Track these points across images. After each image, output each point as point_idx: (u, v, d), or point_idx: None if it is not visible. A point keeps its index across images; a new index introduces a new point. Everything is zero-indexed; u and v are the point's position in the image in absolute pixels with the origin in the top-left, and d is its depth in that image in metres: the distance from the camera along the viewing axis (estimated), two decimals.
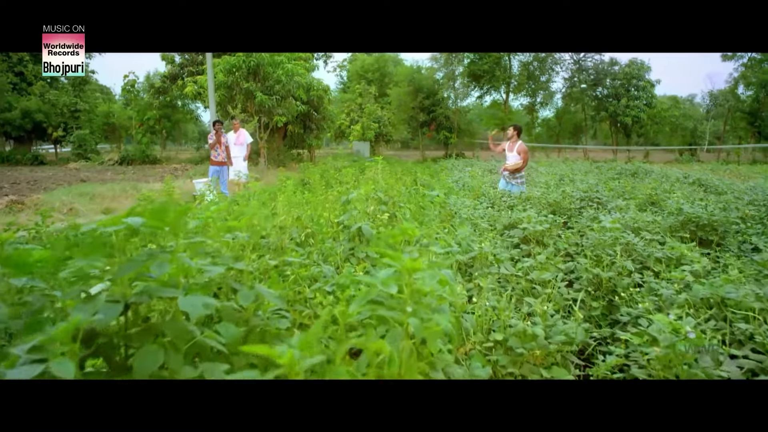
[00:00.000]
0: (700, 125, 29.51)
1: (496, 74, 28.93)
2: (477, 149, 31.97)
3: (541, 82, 30.32)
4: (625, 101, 27.86)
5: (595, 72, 30.05)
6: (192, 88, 17.58)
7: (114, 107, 30.41)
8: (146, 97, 27.10)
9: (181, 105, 29.90)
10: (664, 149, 30.67)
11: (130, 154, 25.04)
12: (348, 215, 4.07)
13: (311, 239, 5.20)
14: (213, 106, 13.35)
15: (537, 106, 31.44)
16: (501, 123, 31.03)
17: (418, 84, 31.13)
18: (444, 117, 30.56)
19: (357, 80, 36.36)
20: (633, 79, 28.34)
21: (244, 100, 15.57)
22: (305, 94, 18.05)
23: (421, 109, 31.33)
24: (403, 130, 34.70)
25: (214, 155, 9.86)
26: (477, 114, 33.77)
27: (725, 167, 20.06)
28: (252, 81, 15.45)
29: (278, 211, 4.99)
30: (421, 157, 32.71)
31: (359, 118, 31.83)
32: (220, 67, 15.02)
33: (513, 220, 4.75)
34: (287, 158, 21.11)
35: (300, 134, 21.63)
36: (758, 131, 27.93)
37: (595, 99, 30.61)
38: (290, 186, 10.47)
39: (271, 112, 16.10)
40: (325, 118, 22.08)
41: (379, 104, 33.22)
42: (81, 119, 28.53)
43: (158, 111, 27.38)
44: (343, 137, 34.69)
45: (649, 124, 28.36)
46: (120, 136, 31.27)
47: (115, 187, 9.15)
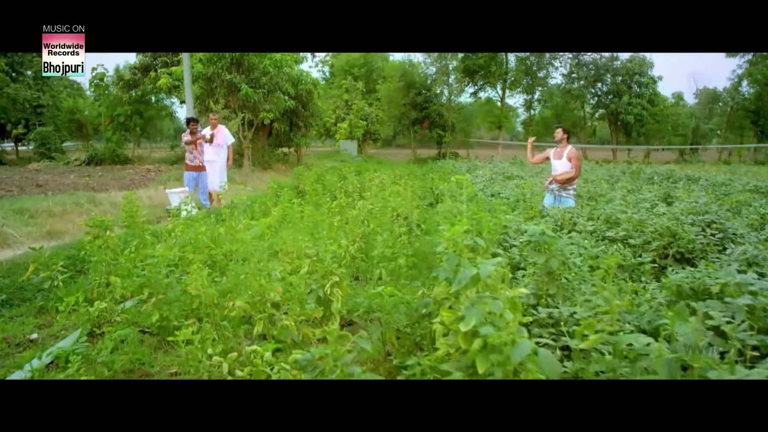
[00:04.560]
0: (704, 123, 28.49)
1: (491, 70, 27.54)
2: (474, 148, 30.50)
3: (539, 78, 28.99)
4: (627, 98, 26.68)
5: (594, 68, 28.84)
6: (166, 81, 15.56)
7: (81, 102, 28.03)
8: (115, 90, 24.79)
9: (154, 100, 27.68)
10: (665, 149, 29.65)
11: (99, 154, 22.85)
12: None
13: (337, 290, 3.55)
14: (190, 100, 11.48)
15: (534, 103, 30.08)
16: (497, 121, 29.71)
17: (410, 79, 29.55)
18: (437, 114, 29.04)
19: (343, 76, 34.70)
20: (635, 75, 27.17)
21: (227, 94, 13.71)
22: (293, 88, 16.24)
23: (413, 105, 29.80)
24: (394, 127, 33.12)
25: (189, 159, 8.07)
26: (472, 111, 32.32)
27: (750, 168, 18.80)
28: (235, 72, 13.59)
29: (281, 242, 3.36)
30: (412, 156, 31.20)
31: (346, 115, 30.20)
32: (199, 57, 13.11)
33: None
34: (272, 159, 19.28)
35: (286, 132, 19.79)
36: (761, 130, 27.07)
37: (595, 96, 29.48)
38: (286, 198, 8.79)
39: (256, 108, 14.26)
40: (313, 115, 20.25)
41: (367, 101, 31.65)
42: (44, 115, 26.49)
43: (129, 106, 25.14)
44: (329, 135, 32.99)
45: (650, 123, 27.22)
46: (88, 134, 28.88)
47: (65, 200, 7.28)
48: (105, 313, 3.47)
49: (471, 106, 32.37)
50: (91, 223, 4.49)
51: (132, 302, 4.16)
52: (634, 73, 27.26)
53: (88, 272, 4.53)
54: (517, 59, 28.09)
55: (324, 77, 43.39)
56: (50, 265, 4.05)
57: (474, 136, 34.17)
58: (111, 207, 7.35)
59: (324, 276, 3.61)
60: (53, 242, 5.54)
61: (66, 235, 5.93)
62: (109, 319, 3.51)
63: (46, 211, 6.71)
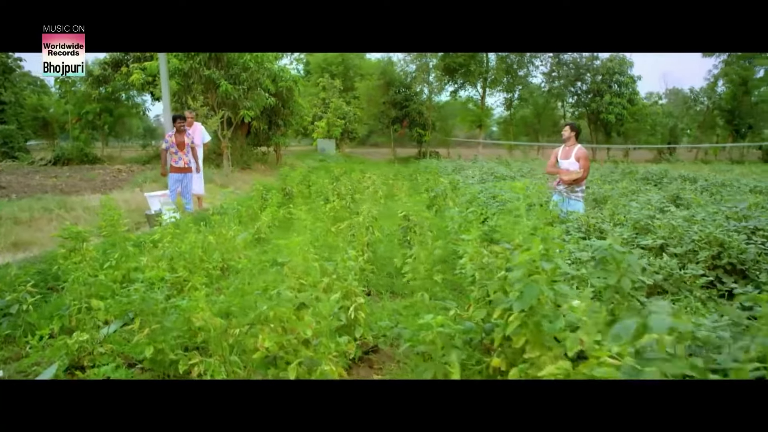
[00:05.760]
0: (681, 122, 28.83)
1: (471, 68, 27.26)
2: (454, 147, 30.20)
3: (519, 77, 28.86)
4: (608, 98, 26.78)
5: (575, 67, 28.88)
6: (139, 76, 14.70)
7: (46, 100, 26.70)
8: (83, 87, 23.57)
9: (125, 97, 26.51)
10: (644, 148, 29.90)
11: (66, 153, 21.68)
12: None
13: (360, 313, 3.14)
14: (167, 97, 10.78)
15: (515, 101, 29.95)
16: (477, 120, 29.49)
17: (390, 77, 29.08)
18: (417, 113, 28.63)
19: (319, 73, 33.97)
20: (615, 75, 27.29)
21: (205, 91, 13.01)
22: (273, 85, 15.58)
23: (392, 104, 29.31)
24: (373, 126, 32.59)
25: (174, 160, 7.43)
26: (452, 110, 32.01)
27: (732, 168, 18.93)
28: (214, 67, 12.91)
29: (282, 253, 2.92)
30: (392, 155, 30.74)
31: (323, 114, 29.52)
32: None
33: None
34: (251, 158, 18.56)
35: (265, 131, 19.07)
36: (735, 130, 27.54)
37: (575, 95, 29.54)
38: (274, 201, 8.24)
39: (236, 105, 13.59)
40: (293, 113, 19.57)
41: (344, 99, 31.04)
42: (6, 113, 25.11)
43: (98, 104, 23.98)
44: (305, 134, 32.23)
45: (630, 122, 27.39)
46: (54, 132, 27.53)
47: (33, 204, 6.56)
48: (86, 344, 2.92)
49: (451, 104, 32.09)
50: (66, 235, 3.91)
51: (115, 326, 3.60)
52: (614, 72, 27.38)
53: (61, 291, 3.95)
54: (497, 57, 27.89)
55: (300, 75, 42.50)
56: (17, 285, 3.46)
57: (453, 135, 33.92)
58: (85, 212, 6.67)
59: (346, 296, 3.14)
60: (20, 255, 4.88)
61: (34, 246, 5.25)
62: (91, 351, 2.96)
63: (10, 218, 6.00)
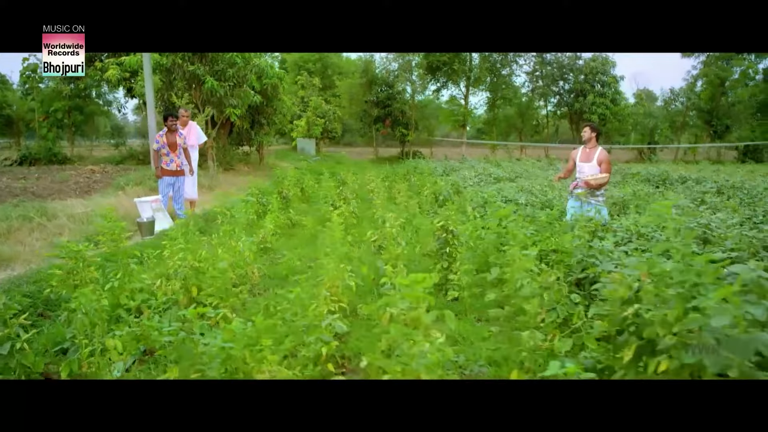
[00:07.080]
0: (661, 123, 29.11)
1: (454, 67, 26.96)
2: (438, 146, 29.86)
3: (503, 76, 28.70)
4: (592, 98, 26.84)
5: (558, 66, 28.89)
6: (115, 72, 13.81)
7: (9, 96, 25.24)
8: (52, 84, 22.28)
9: (96, 95, 25.22)
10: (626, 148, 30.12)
11: (33, 153, 20.46)
12: None
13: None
14: (151, 95, 10.09)
15: (498, 101, 29.76)
16: (461, 119, 29.24)
17: (372, 76, 28.57)
18: (400, 112, 28.20)
19: (297, 71, 33.20)
20: (598, 74, 27.38)
21: (188, 87, 12.29)
22: (257, 82, 14.91)
23: (375, 103, 28.82)
24: (354, 125, 32.04)
25: (165, 162, 6.81)
26: (435, 109, 31.67)
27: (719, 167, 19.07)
28: (198, 63, 12.20)
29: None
30: (374, 155, 30.27)
31: (302, 112, 28.82)
32: None
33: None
34: (234, 159, 17.84)
35: (248, 130, 18.36)
36: (714, 130, 27.96)
37: (558, 95, 29.56)
38: (275, 206, 7.69)
39: (222, 103, 12.90)
40: (277, 112, 18.89)
41: (323, 97, 30.40)
42: None
43: (68, 101, 22.72)
44: (283, 134, 31.45)
45: (613, 122, 27.52)
46: (19, 131, 26.08)
47: (9, 212, 5.83)
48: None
49: (435, 103, 31.78)
50: (63, 254, 3.34)
51: (127, 363, 3.06)
52: (597, 72, 27.48)
53: (55, 319, 3.37)
54: (480, 56, 27.65)
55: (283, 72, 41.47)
56: (7, 318, 2.86)
57: (437, 134, 33.63)
58: (69, 220, 5.98)
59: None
60: (1, 274, 4.25)
61: (16, 263, 4.57)
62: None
63: None
